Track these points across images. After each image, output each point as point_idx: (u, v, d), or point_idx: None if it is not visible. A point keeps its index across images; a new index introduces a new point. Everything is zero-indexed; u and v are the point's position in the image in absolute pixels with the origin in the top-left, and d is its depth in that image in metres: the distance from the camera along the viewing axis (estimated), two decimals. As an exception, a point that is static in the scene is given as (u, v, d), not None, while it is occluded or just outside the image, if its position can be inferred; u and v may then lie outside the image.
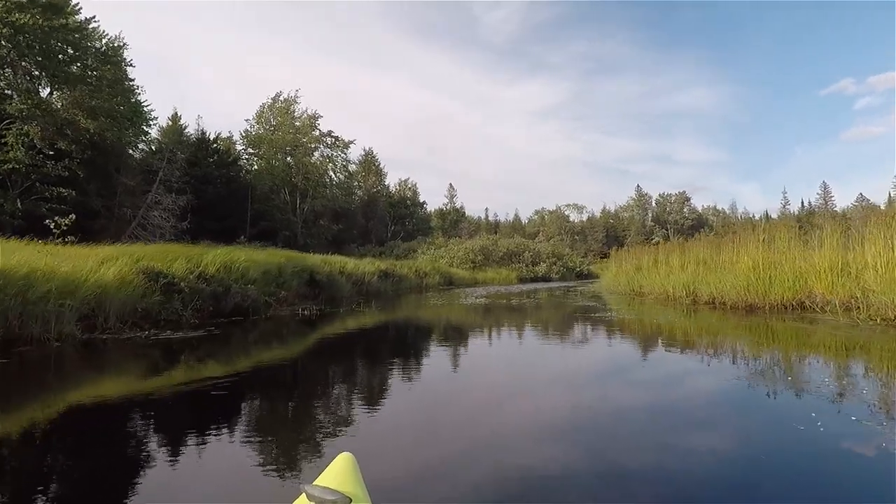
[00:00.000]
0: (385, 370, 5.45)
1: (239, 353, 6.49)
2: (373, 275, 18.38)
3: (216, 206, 31.39)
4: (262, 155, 36.62)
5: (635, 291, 16.24)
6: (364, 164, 49.62)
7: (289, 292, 10.77)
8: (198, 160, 32.53)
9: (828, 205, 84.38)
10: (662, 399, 4.21)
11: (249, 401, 4.27)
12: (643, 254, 18.24)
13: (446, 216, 61.42)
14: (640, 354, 6.44)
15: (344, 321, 9.64)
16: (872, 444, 2.81)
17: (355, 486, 1.41)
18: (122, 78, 24.58)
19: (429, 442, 3.14)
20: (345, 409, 3.89)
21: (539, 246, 42.81)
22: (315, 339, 7.54)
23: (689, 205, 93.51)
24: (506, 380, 5.15)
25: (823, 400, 3.65)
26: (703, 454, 2.88)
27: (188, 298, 7.66)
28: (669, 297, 13.33)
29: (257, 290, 9.32)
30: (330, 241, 37.71)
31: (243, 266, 9.25)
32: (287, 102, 36.88)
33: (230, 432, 3.35)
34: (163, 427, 3.52)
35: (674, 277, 13.69)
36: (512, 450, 2.95)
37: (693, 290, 12.32)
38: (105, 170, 24.00)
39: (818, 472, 2.61)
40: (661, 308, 11.66)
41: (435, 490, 2.39)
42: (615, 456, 2.83)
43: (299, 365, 5.87)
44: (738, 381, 4.42)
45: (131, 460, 2.89)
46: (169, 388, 4.54)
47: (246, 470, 2.67)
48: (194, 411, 3.88)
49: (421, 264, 25.40)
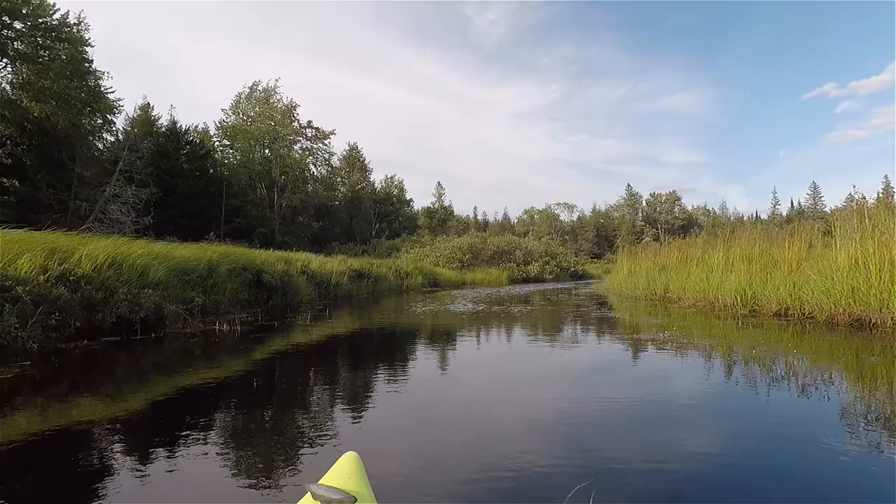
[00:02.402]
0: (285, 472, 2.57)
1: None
2: (342, 275, 16.12)
3: (187, 201, 29.41)
4: (239, 147, 34.54)
5: (658, 296, 13.28)
6: (348, 159, 47.67)
7: (221, 298, 8.60)
8: (168, 152, 30.49)
9: (817, 205, 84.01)
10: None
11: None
12: (669, 250, 15.08)
13: (434, 214, 59.55)
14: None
15: (277, 339, 7.11)
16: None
17: (360, 485, 1.39)
18: (80, 59, 22.49)
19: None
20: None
21: (531, 244, 40.90)
22: (177, 386, 4.30)
23: (680, 204, 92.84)
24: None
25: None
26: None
27: (30, 310, 5.14)
28: (713, 304, 10.46)
29: (163, 295, 6.82)
30: (310, 239, 35.77)
31: (140, 263, 6.71)
32: (266, 92, 34.82)
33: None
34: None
35: (716, 279, 10.85)
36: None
37: (751, 296, 9.45)
38: (58, 159, 21.90)
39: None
40: (719, 322, 8.37)
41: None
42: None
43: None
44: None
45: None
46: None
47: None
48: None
49: (402, 264, 22.91)
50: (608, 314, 10.60)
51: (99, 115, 25.32)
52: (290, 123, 34.84)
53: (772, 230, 11.88)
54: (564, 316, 10.40)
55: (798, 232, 9.66)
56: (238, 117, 34.95)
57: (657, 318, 9.23)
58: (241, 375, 4.87)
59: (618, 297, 15.55)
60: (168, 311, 6.93)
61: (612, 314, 10.57)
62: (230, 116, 34.92)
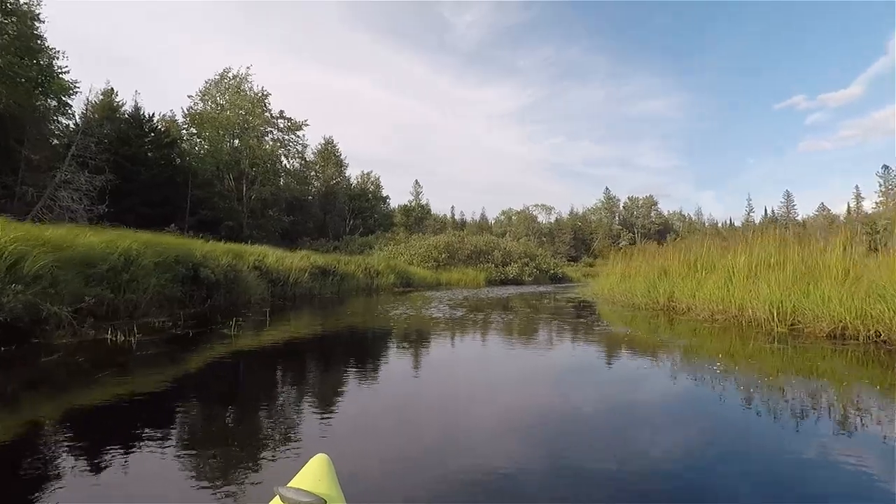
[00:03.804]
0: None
1: None
2: (303, 272, 14.59)
3: (149, 190, 27.90)
4: (207, 137, 32.97)
5: (661, 305, 11.41)
6: (323, 153, 46.29)
7: (140, 297, 7.11)
8: (129, 139, 28.87)
9: (790, 213, 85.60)
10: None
11: None
12: (672, 252, 13.26)
13: (410, 212, 58.46)
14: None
15: (163, 362, 5.17)
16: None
17: (330, 487, 1.37)
18: (30, 35, 20.89)
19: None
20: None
21: (510, 245, 40.05)
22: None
23: (657, 209, 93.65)
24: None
25: None
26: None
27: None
28: (737, 318, 8.63)
29: (46, 293, 5.32)
30: (281, 234, 34.43)
31: (13, 251, 5.15)
32: (237, 80, 33.31)
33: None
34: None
35: (739, 287, 8.99)
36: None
37: (790, 310, 7.60)
38: (3, 141, 20.30)
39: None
40: (766, 348, 6.18)
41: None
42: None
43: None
44: None
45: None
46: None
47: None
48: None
49: (373, 261, 21.60)
50: (609, 328, 8.52)
51: (53, 97, 23.76)
52: (262, 113, 33.41)
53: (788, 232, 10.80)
54: (558, 330, 8.60)
55: (837, 233, 8.35)
56: (207, 105, 33.36)
57: (681, 339, 7.19)
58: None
59: (610, 304, 13.78)
60: (48, 314, 5.34)
61: (615, 329, 8.45)
62: (198, 104, 33.33)
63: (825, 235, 8.36)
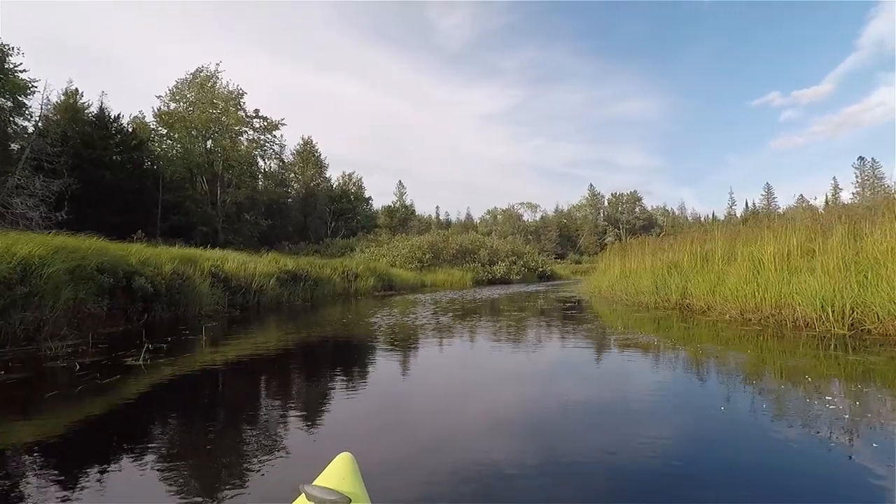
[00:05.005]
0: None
1: None
2: (270, 277, 13.00)
3: (116, 195, 26.44)
4: (177, 138, 31.50)
5: (674, 304, 10.18)
6: (302, 154, 44.93)
7: (47, 314, 5.71)
8: (93, 141, 27.34)
9: (771, 206, 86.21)
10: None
11: None
12: (680, 244, 11.76)
13: (394, 213, 57.30)
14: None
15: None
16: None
17: (354, 485, 1.37)
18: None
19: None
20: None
21: (497, 243, 39.01)
22: None
23: (641, 205, 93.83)
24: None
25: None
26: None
27: None
28: (777, 318, 7.23)
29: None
30: (259, 238, 33.08)
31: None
32: (207, 77, 31.85)
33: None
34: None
35: (774, 280, 7.55)
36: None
37: (850, 307, 6.19)
38: (-52, 144, 18.84)
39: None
40: (846, 359, 4.92)
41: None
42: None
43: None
44: None
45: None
46: None
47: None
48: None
49: (352, 264, 20.19)
50: (629, 337, 6.79)
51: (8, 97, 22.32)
52: (236, 112, 32.02)
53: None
54: (561, 340, 7.03)
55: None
56: (179, 105, 31.87)
57: (739, 352, 5.50)
58: None
59: (612, 304, 12.33)
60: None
61: (636, 337, 6.82)
62: (168, 104, 31.81)
63: (872, 217, 7.27)
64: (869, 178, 69.66)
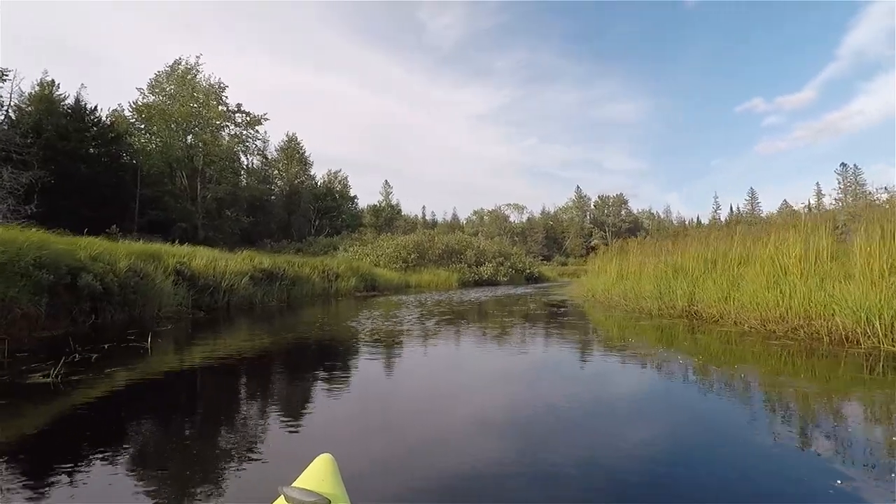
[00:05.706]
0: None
1: None
2: (242, 276, 12.30)
3: (91, 188, 25.59)
4: (157, 132, 30.66)
5: (680, 311, 9.33)
6: (286, 150, 44.18)
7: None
8: (69, 133, 26.45)
9: (755, 210, 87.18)
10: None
11: None
12: (685, 245, 10.92)
13: (380, 212, 56.72)
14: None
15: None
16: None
17: (334, 486, 1.35)
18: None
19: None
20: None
21: (484, 243, 38.50)
22: None
23: (627, 208, 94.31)
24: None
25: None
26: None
27: None
28: (807, 330, 6.34)
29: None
30: (240, 235, 32.38)
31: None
32: (186, 70, 31.03)
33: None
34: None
35: (805, 289, 6.66)
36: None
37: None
38: None
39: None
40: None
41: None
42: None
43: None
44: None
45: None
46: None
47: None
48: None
49: (332, 263, 19.50)
50: (638, 351, 6.06)
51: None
52: (217, 106, 31.25)
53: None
54: (561, 355, 6.23)
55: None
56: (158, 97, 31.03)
57: (750, 370, 4.86)
58: None
59: (609, 309, 11.51)
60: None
61: (643, 350, 6.11)
62: (147, 97, 30.95)
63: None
64: (851, 184, 70.74)
